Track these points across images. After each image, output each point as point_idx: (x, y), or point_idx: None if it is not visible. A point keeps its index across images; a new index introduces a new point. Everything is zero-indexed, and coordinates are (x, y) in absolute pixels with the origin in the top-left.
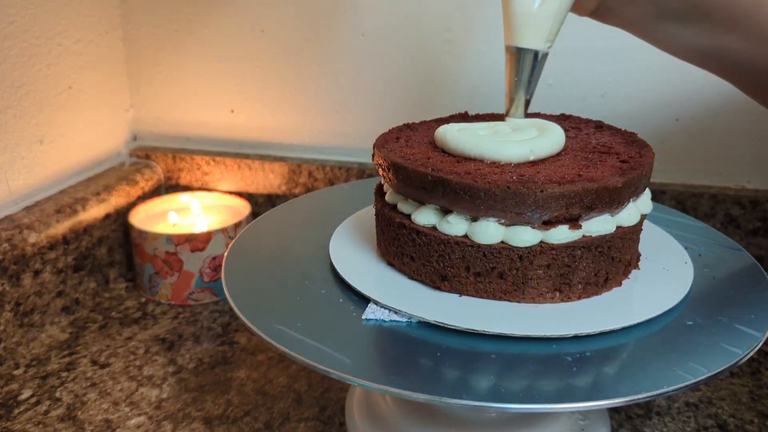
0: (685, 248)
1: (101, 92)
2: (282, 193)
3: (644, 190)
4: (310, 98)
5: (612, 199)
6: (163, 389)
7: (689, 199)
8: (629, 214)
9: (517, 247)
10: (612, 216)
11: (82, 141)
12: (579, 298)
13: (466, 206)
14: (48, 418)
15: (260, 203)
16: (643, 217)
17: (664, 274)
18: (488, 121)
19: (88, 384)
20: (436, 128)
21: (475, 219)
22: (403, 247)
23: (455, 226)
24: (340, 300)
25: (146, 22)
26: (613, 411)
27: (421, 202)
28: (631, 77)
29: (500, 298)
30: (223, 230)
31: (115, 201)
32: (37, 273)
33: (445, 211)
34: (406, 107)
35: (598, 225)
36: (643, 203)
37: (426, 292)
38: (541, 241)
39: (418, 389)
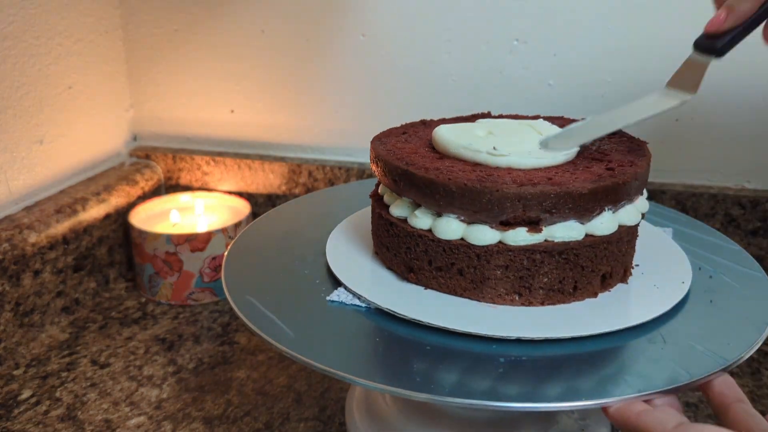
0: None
1: (101, 92)
2: (282, 193)
3: (627, 199)
4: (310, 98)
5: (577, 205)
6: (163, 389)
7: (689, 199)
8: (602, 222)
9: (474, 245)
10: (581, 223)
11: (82, 141)
12: (542, 303)
13: (429, 201)
14: (48, 418)
15: (260, 203)
16: (626, 227)
17: (652, 290)
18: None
19: (88, 384)
20: (422, 127)
21: (439, 215)
22: (381, 237)
23: (421, 219)
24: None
25: (146, 22)
26: None
27: (399, 195)
28: (631, 77)
29: (461, 295)
30: (223, 230)
31: (115, 201)
32: (37, 273)
33: (416, 206)
34: (406, 107)
35: (563, 231)
36: (626, 213)
37: (395, 283)
38: (500, 242)
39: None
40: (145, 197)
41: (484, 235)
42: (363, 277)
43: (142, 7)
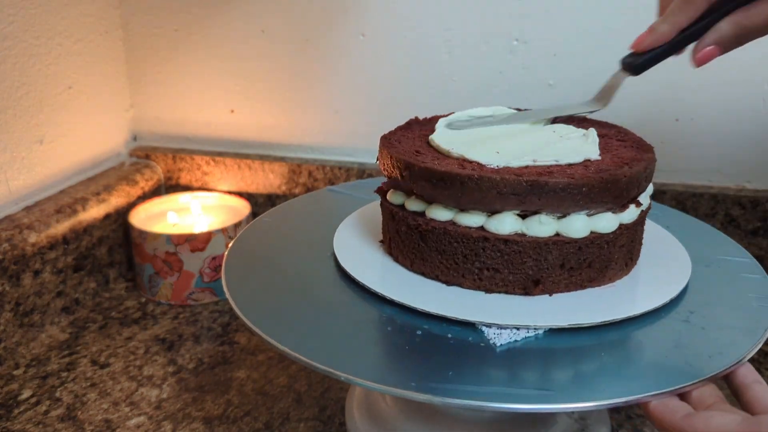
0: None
1: (101, 92)
2: (282, 193)
3: None
4: (310, 98)
5: (652, 173)
6: (163, 389)
7: (689, 199)
8: (649, 190)
9: (604, 234)
10: (646, 191)
11: (82, 141)
12: (632, 269)
13: (564, 204)
14: (48, 418)
15: (260, 203)
16: None
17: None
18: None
19: (88, 384)
20: (404, 137)
21: (562, 216)
22: (484, 262)
23: (548, 226)
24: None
25: (146, 22)
26: (613, 411)
27: (493, 212)
28: (631, 78)
29: (585, 287)
30: (223, 230)
31: (115, 201)
32: (37, 273)
33: (522, 217)
34: (406, 107)
35: (645, 199)
36: None
37: (519, 301)
38: (620, 224)
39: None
40: (145, 197)
41: (609, 222)
42: (495, 309)
43: (142, 7)
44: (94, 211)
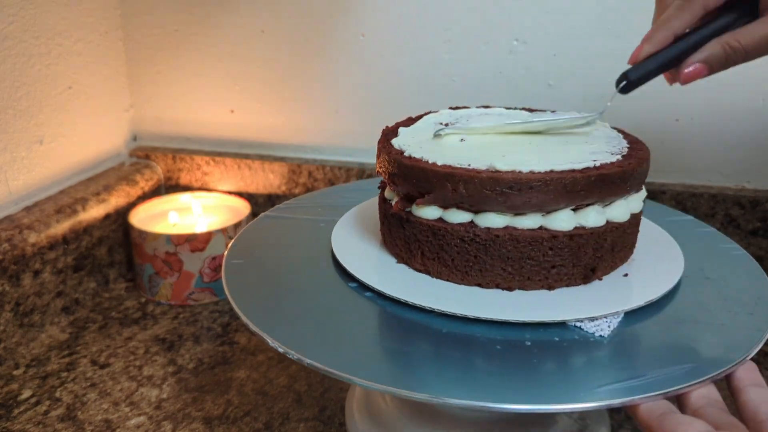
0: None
1: (101, 92)
2: (282, 193)
3: None
4: (310, 98)
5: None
6: (163, 389)
7: (689, 199)
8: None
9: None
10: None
11: (82, 141)
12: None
13: (620, 192)
14: (48, 418)
15: (260, 203)
16: None
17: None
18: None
19: (88, 384)
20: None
21: (608, 204)
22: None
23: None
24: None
25: (146, 22)
26: (613, 411)
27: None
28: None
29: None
30: (223, 230)
31: (115, 201)
32: (37, 273)
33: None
34: (406, 107)
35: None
36: None
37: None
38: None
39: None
40: (145, 197)
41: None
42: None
43: (142, 7)
44: (94, 211)
